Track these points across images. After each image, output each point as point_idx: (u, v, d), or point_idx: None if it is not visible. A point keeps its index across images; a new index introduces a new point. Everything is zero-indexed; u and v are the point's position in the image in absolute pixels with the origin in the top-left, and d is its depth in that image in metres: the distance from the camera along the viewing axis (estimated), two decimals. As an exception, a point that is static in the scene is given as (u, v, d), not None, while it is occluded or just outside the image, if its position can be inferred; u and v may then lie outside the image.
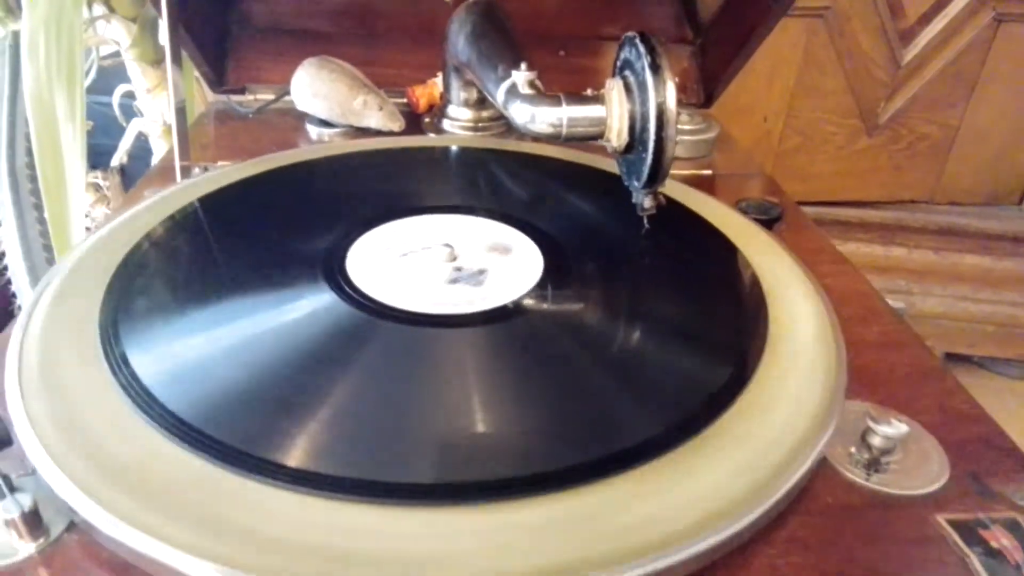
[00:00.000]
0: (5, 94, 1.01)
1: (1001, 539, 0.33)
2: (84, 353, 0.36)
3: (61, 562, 0.30)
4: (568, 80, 0.79)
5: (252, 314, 0.40)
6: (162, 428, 0.32)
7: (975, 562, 0.32)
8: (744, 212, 0.55)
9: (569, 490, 0.30)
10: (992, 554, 0.32)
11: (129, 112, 1.19)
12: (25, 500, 0.30)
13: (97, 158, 1.32)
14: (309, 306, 0.41)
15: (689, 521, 0.30)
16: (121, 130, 1.20)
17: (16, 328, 0.37)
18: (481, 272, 0.45)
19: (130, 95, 1.14)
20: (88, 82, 1.09)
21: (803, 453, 0.33)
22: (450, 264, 0.46)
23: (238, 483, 0.30)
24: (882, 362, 0.43)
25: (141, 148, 1.21)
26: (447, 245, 0.46)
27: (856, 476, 0.36)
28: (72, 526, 0.31)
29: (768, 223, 0.55)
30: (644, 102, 0.45)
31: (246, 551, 0.27)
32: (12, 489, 0.31)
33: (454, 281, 0.44)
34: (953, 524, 0.34)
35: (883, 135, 1.34)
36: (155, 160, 1.15)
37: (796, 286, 0.45)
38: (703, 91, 0.81)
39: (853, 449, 0.37)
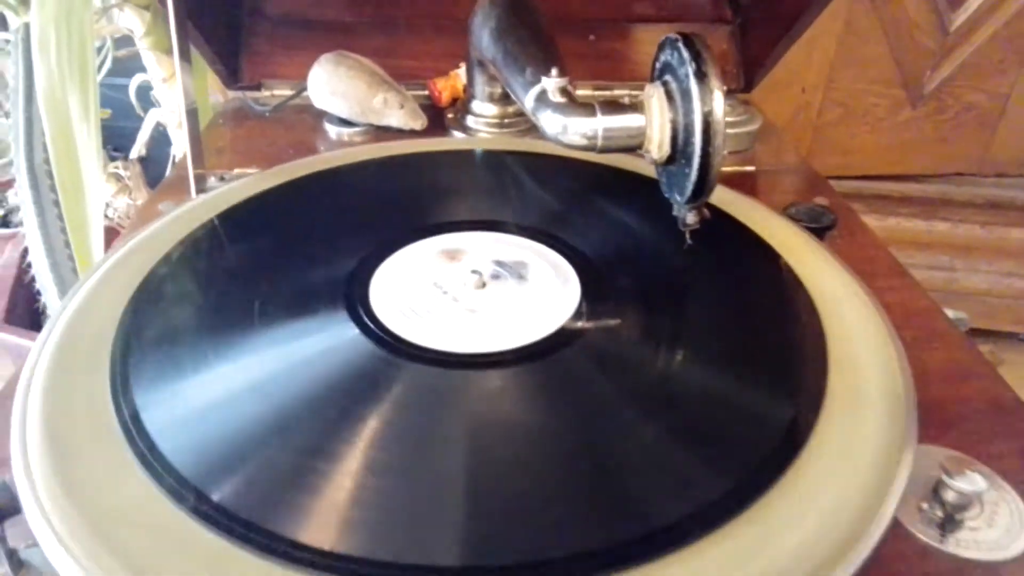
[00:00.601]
0: (20, 89, 0.99)
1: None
2: (93, 411, 0.34)
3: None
4: (598, 67, 0.75)
5: (272, 362, 0.38)
6: (178, 502, 0.30)
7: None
8: (794, 219, 0.51)
9: (616, 571, 0.28)
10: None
11: (146, 99, 1.16)
12: (30, 583, 0.28)
13: (119, 141, 1.30)
14: (331, 349, 0.38)
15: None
16: (140, 113, 1.18)
17: (20, 384, 0.35)
18: (513, 299, 0.42)
19: (147, 84, 1.11)
20: (103, 73, 1.07)
21: (871, 521, 0.30)
22: (480, 292, 0.42)
23: (261, 567, 0.28)
24: (951, 396, 0.40)
25: (163, 133, 1.19)
26: (476, 272, 0.43)
27: (929, 538, 0.32)
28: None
29: (820, 231, 0.51)
30: (688, 112, 0.41)
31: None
32: (20, 564, 0.30)
33: (484, 310, 0.41)
34: (1044, 596, 0.30)
35: (928, 105, 1.29)
36: (174, 151, 1.13)
37: (857, 311, 0.41)
38: (743, 76, 0.76)
39: (924, 505, 0.34)
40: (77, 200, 0.82)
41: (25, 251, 1.10)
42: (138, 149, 1.18)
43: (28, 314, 1.10)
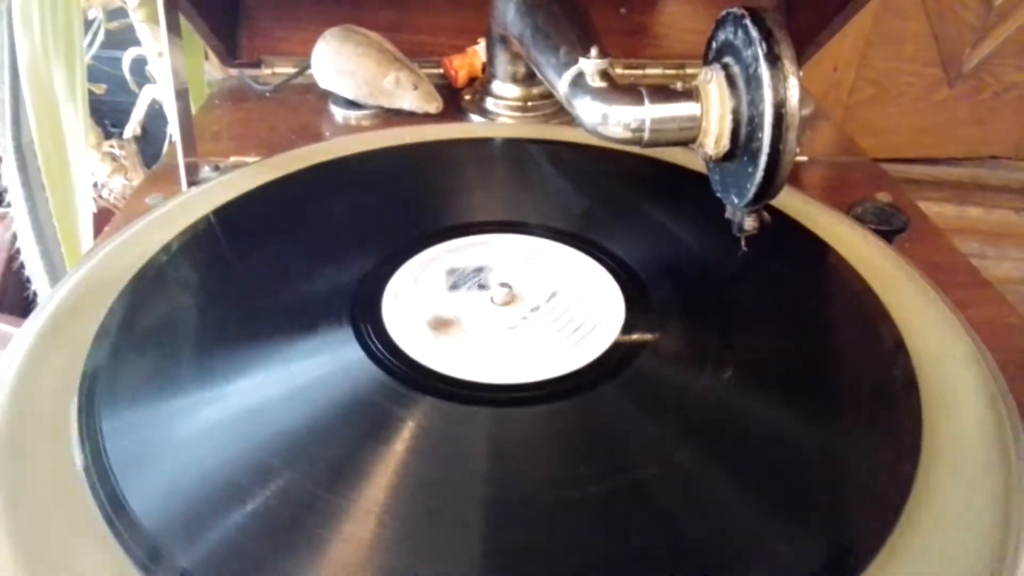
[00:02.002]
0: (6, 64, 0.93)
1: None
2: (57, 452, 0.29)
3: None
4: (630, 43, 0.69)
5: (262, 390, 0.32)
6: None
7: None
8: (860, 220, 0.45)
9: None
10: None
11: (141, 74, 1.10)
12: None
13: (117, 116, 1.24)
14: (331, 375, 0.33)
15: None
16: (136, 91, 1.12)
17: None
18: (548, 319, 0.36)
19: (142, 59, 1.05)
20: (95, 48, 1.01)
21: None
22: (509, 308, 0.37)
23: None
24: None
25: (160, 109, 1.13)
26: (504, 284, 0.37)
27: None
28: None
29: (890, 235, 0.45)
30: (755, 102, 0.35)
31: None
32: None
33: (514, 331, 0.36)
34: None
35: (966, 85, 1.23)
36: (171, 129, 1.07)
37: (944, 334, 0.35)
38: (787, 54, 0.69)
39: (1045, 577, 0.28)
40: (64, 184, 0.76)
41: (15, 235, 1.05)
42: (132, 127, 1.12)
43: (19, 301, 1.05)
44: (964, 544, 0.26)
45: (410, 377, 0.33)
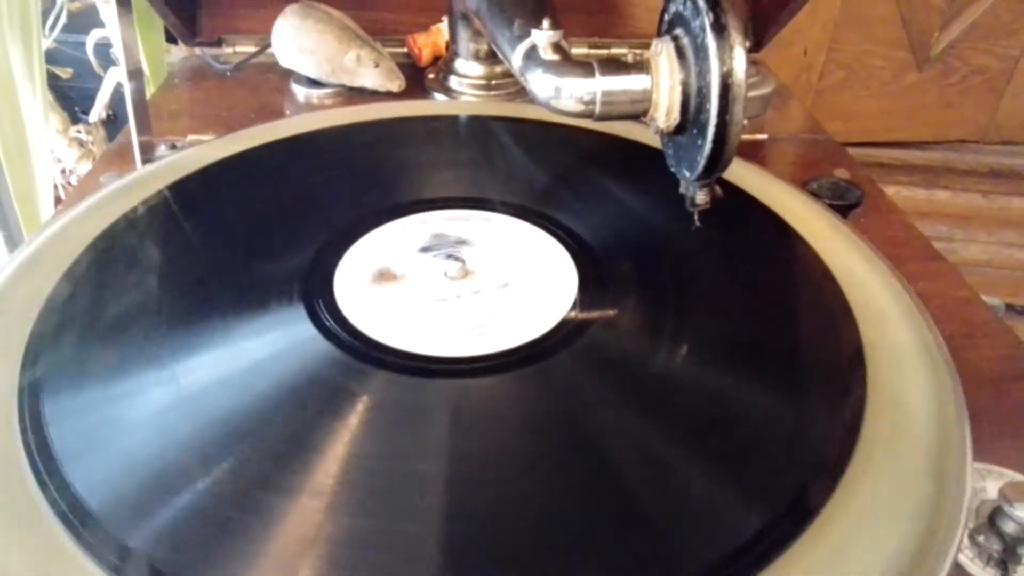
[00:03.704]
0: (-37, 45, 0.91)
1: None
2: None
3: None
4: (592, 23, 0.68)
5: (212, 368, 0.32)
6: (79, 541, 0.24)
7: None
8: (816, 195, 0.45)
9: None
10: None
11: (106, 57, 1.08)
12: None
13: (86, 103, 1.22)
14: (283, 353, 0.32)
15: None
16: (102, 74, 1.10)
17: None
18: (501, 290, 0.36)
19: (106, 41, 1.03)
20: (59, 28, 0.99)
21: (932, 566, 0.25)
22: (462, 283, 0.37)
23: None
24: (1002, 403, 0.35)
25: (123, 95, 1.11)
26: (457, 259, 0.37)
27: (986, 576, 0.28)
28: None
29: (845, 209, 0.45)
30: (703, 73, 0.35)
31: None
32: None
33: (467, 306, 0.36)
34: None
35: (934, 68, 1.24)
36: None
37: (892, 304, 0.36)
38: (752, 33, 0.69)
39: (982, 538, 0.29)
40: (23, 166, 0.75)
41: (-20, 220, 1.03)
42: (98, 111, 1.10)
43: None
44: (904, 501, 0.27)
45: (360, 351, 0.32)
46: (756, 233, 0.42)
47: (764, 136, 0.58)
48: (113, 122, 1.18)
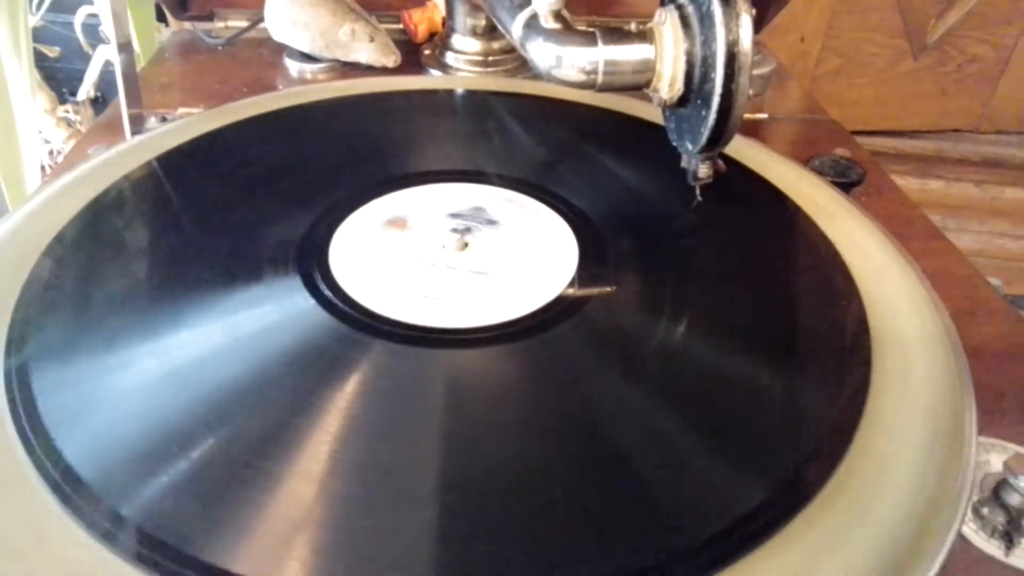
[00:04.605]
0: (-53, 19, 0.89)
1: None
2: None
3: None
4: (597, 1, 0.68)
5: (208, 340, 0.31)
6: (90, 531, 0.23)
7: None
8: (818, 173, 0.45)
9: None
10: None
11: (95, 36, 1.06)
12: None
13: (73, 84, 1.20)
14: (277, 317, 0.32)
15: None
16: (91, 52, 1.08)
17: None
18: (502, 265, 0.36)
19: (94, 17, 1.01)
20: (44, 8, 0.97)
21: (934, 536, 0.25)
22: (462, 254, 0.36)
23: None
24: (1004, 378, 0.35)
25: (112, 75, 1.10)
26: (456, 230, 0.36)
27: (992, 549, 0.27)
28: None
29: (847, 187, 0.45)
30: (708, 42, 0.34)
31: None
32: None
33: (466, 278, 0.35)
34: None
35: (930, 57, 1.23)
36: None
37: (897, 280, 0.35)
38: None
39: (986, 510, 0.28)
40: (9, 143, 0.74)
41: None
42: (86, 90, 1.08)
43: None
44: (909, 473, 0.26)
45: (358, 322, 0.32)
46: (759, 208, 0.41)
47: (764, 115, 0.57)
48: (101, 102, 1.16)
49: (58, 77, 1.19)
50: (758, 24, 0.69)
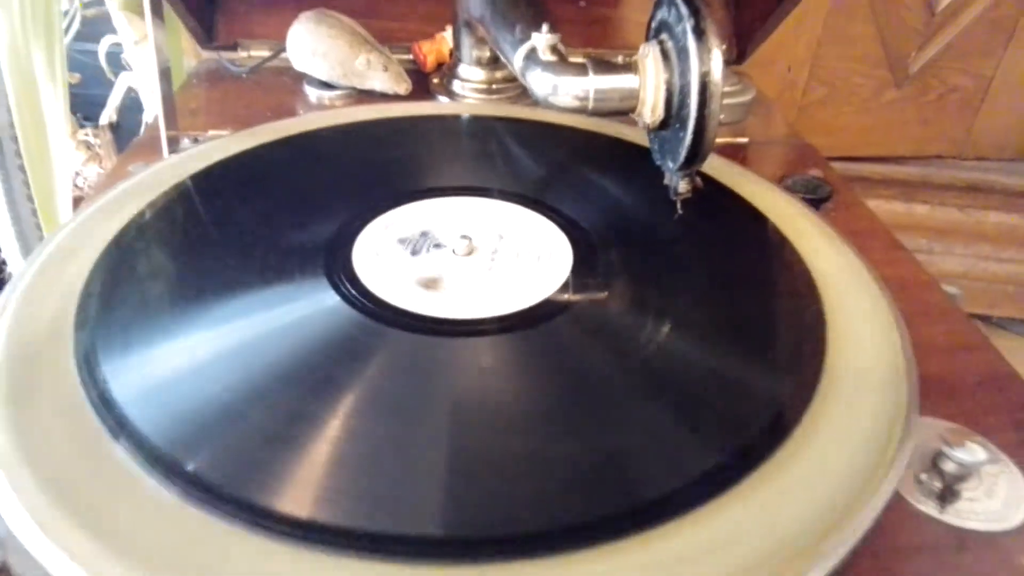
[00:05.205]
0: (-18, 50, 0.95)
1: (1094, 586, 0.29)
2: (57, 385, 0.32)
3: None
4: (588, 33, 0.73)
5: (246, 326, 0.36)
6: (137, 458, 0.28)
7: (1068, 615, 0.28)
8: (790, 191, 0.50)
9: (611, 543, 0.26)
10: (1086, 605, 0.29)
11: (117, 64, 1.12)
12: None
13: (90, 109, 1.26)
14: (310, 315, 0.36)
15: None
16: (108, 79, 1.14)
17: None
18: (504, 266, 0.40)
19: (117, 46, 1.07)
20: (72, 34, 1.03)
21: (872, 493, 0.29)
22: (469, 258, 0.41)
23: (222, 531, 0.26)
24: (950, 369, 0.39)
25: (134, 101, 1.15)
26: (464, 237, 0.41)
27: (928, 508, 0.32)
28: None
29: (816, 203, 0.50)
30: (684, 72, 0.39)
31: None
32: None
33: (474, 277, 0.40)
34: (1039, 567, 0.30)
35: (912, 87, 1.28)
36: (146, 116, 1.09)
37: (855, 282, 0.40)
38: (735, 46, 0.74)
39: (924, 476, 0.33)
40: (43, 164, 0.79)
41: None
42: (108, 114, 1.14)
43: (-7, 284, 1.07)
44: (856, 436, 0.31)
45: (376, 313, 0.36)
46: (733, 220, 0.46)
47: (745, 140, 0.62)
48: (116, 129, 1.21)
49: (74, 102, 1.25)
50: (741, 56, 0.74)
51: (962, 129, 1.34)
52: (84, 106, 1.27)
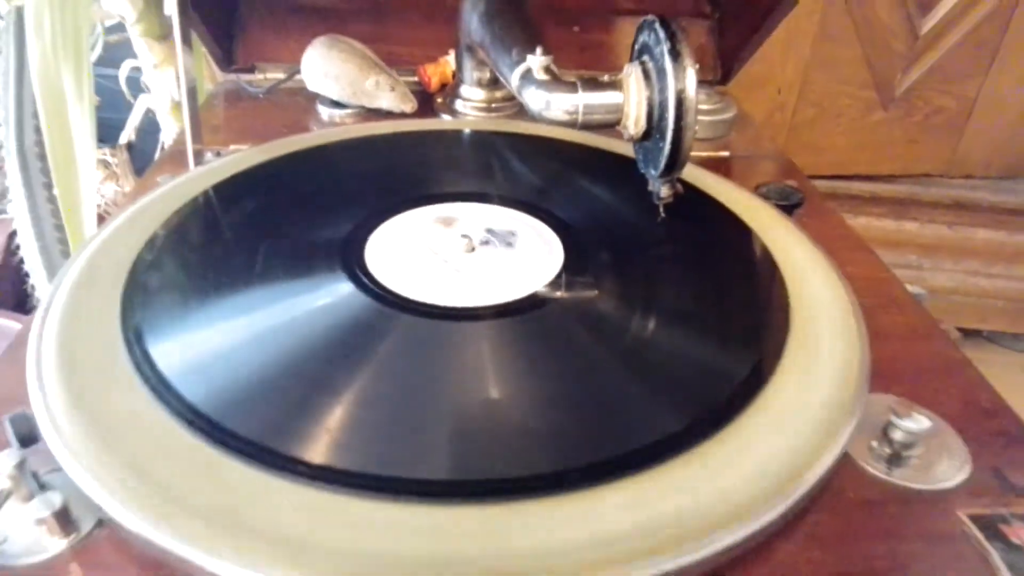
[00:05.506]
0: (11, 71, 1.00)
1: (1022, 534, 0.33)
2: (104, 348, 0.36)
3: (92, 558, 0.30)
4: (582, 57, 0.78)
5: (271, 307, 0.41)
6: (183, 422, 0.32)
7: (996, 558, 0.32)
8: (764, 197, 0.54)
9: (589, 489, 0.30)
10: (1013, 549, 0.32)
11: (136, 87, 1.18)
12: (55, 499, 0.30)
13: (105, 132, 1.31)
14: (328, 299, 0.41)
15: (708, 520, 0.30)
16: (127, 104, 1.19)
17: (34, 324, 0.37)
18: (501, 262, 0.45)
19: (137, 70, 1.13)
20: (94, 58, 1.08)
21: (825, 450, 0.33)
22: (469, 254, 0.45)
23: (256, 477, 0.30)
24: (905, 354, 0.43)
25: (149, 123, 1.21)
26: (465, 236, 0.46)
27: (877, 471, 0.36)
28: (102, 523, 0.31)
29: (788, 209, 0.54)
30: (663, 89, 0.44)
31: (260, 548, 0.28)
32: (42, 487, 0.32)
33: (473, 271, 0.44)
34: (974, 519, 0.34)
35: (898, 108, 1.32)
36: (163, 137, 1.14)
37: (818, 275, 0.44)
38: (720, 68, 0.79)
39: (875, 443, 0.37)
40: (70, 179, 0.83)
41: (11, 236, 1.11)
42: (128, 134, 1.20)
43: (14, 296, 1.11)
44: (812, 402, 0.35)
45: (390, 302, 0.41)
46: (711, 223, 0.51)
47: (727, 153, 0.67)
48: (131, 150, 1.27)
49: (91, 124, 1.30)
50: (726, 76, 0.79)
51: (948, 148, 1.38)
52: (100, 128, 1.33)
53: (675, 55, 0.43)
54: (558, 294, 0.42)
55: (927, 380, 0.42)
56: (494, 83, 0.69)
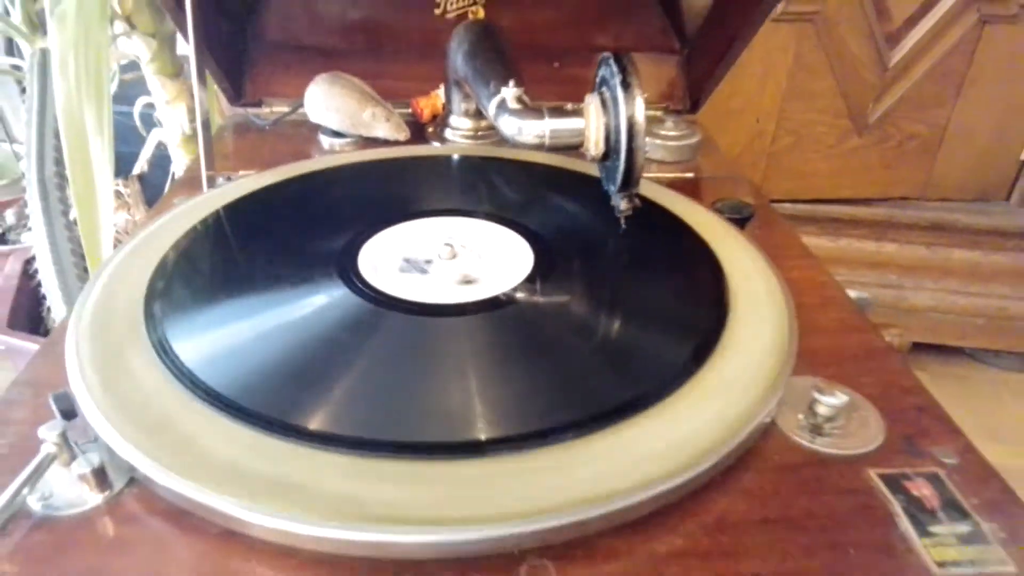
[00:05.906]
0: (34, 108, 1.08)
1: (922, 489, 0.38)
2: (131, 337, 0.42)
3: (123, 512, 0.36)
4: (561, 90, 0.85)
5: (276, 306, 0.46)
6: (202, 400, 0.38)
7: (897, 507, 0.37)
8: (718, 212, 0.60)
9: (544, 448, 0.36)
10: (913, 501, 0.38)
11: (149, 122, 1.25)
12: (95, 458, 0.36)
13: (117, 164, 1.37)
14: (326, 299, 0.47)
15: (650, 471, 0.35)
16: (138, 138, 1.27)
17: (72, 318, 0.43)
18: (477, 267, 0.51)
19: (150, 106, 1.20)
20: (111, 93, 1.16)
21: (750, 418, 0.39)
22: (451, 261, 0.51)
23: (265, 441, 0.36)
24: (835, 344, 0.49)
25: (159, 156, 1.28)
26: (448, 244, 0.52)
27: (801, 439, 0.41)
28: (132, 481, 0.37)
29: (741, 222, 0.60)
30: (617, 115, 0.50)
31: (273, 495, 0.33)
32: (83, 450, 0.37)
33: (454, 275, 0.50)
34: (881, 477, 0.39)
35: (873, 135, 1.37)
36: (175, 167, 1.22)
37: (758, 277, 0.50)
38: (689, 98, 0.86)
39: (801, 416, 0.42)
40: (90, 206, 0.90)
41: (27, 263, 1.17)
42: (140, 165, 1.27)
43: (30, 320, 1.17)
44: (749, 376, 0.41)
45: (380, 301, 0.47)
46: (667, 233, 0.57)
47: (691, 175, 0.74)
48: (142, 182, 1.34)
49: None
50: (695, 106, 0.86)
51: (922, 172, 1.42)
52: (114, 161, 1.40)
53: (626, 86, 0.49)
54: (527, 293, 0.48)
55: (854, 365, 0.47)
56: (479, 114, 0.76)
